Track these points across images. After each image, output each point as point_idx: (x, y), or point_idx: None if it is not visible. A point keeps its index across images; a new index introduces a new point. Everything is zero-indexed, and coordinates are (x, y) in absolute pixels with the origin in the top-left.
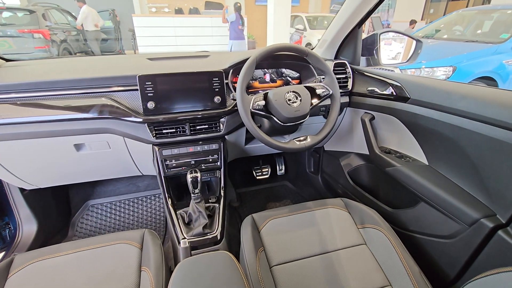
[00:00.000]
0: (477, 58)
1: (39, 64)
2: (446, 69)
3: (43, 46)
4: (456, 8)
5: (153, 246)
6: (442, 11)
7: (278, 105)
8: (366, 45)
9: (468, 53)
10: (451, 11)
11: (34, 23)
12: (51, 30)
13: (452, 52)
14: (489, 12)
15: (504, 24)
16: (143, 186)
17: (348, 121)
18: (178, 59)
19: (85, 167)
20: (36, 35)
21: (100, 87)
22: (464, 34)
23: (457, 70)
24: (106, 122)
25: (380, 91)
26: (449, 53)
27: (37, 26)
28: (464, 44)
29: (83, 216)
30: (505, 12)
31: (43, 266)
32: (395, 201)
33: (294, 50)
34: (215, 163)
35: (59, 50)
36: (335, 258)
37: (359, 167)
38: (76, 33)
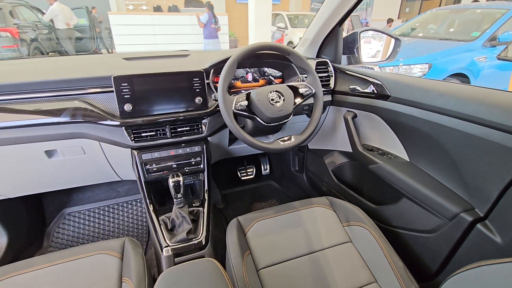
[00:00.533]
0: (450, 56)
1: (3, 65)
2: (422, 66)
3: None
4: (430, 7)
5: (134, 255)
6: (417, 10)
7: (261, 105)
8: (347, 44)
9: (442, 51)
10: (425, 10)
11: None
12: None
13: (427, 50)
14: (461, 11)
15: (474, 22)
16: (123, 191)
17: (331, 119)
18: (156, 59)
19: (59, 175)
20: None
21: (72, 89)
22: (438, 33)
23: (432, 67)
24: (80, 127)
25: (361, 89)
26: (424, 50)
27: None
28: (438, 42)
29: (59, 225)
30: (475, 11)
31: (15, 283)
32: (379, 198)
33: (276, 49)
34: (198, 166)
35: (29, 49)
36: (322, 258)
37: (343, 165)
38: (47, 31)
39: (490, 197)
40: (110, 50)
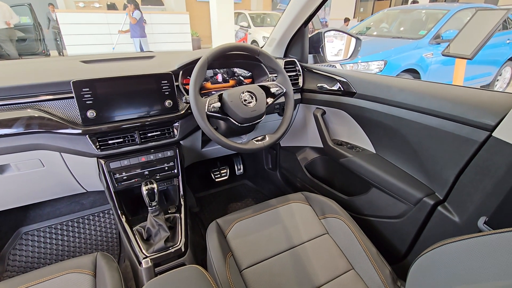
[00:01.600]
0: (402, 53)
1: None
2: (379, 63)
3: None
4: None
5: (109, 270)
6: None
7: (234, 106)
8: (312, 43)
9: (395, 48)
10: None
11: None
12: None
13: (382, 47)
14: (409, 11)
15: (421, 22)
16: (88, 203)
17: (301, 117)
18: (119, 61)
19: (13, 191)
20: None
21: (25, 96)
22: (390, 31)
23: (387, 64)
24: (36, 137)
25: (329, 87)
26: (379, 48)
27: None
28: (391, 40)
29: (15, 247)
30: (420, 11)
31: None
32: (350, 189)
33: (246, 50)
34: (172, 171)
35: None
36: (302, 251)
37: (315, 160)
38: None
39: (448, 181)
40: (61, 52)
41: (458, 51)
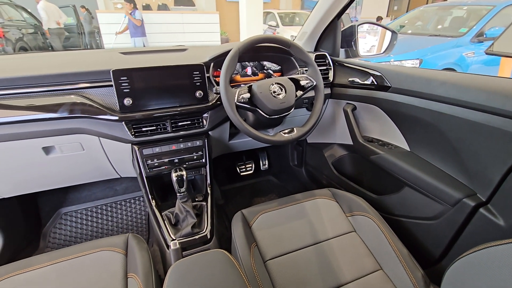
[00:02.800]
0: (440, 51)
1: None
2: (413, 62)
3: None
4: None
5: (140, 250)
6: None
7: (264, 97)
8: (344, 37)
9: (432, 47)
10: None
11: None
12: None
13: (417, 46)
14: (448, 8)
15: (461, 19)
16: (121, 189)
17: (330, 112)
18: (154, 53)
19: (56, 172)
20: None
21: (69, 83)
22: (427, 29)
23: (423, 63)
24: (78, 122)
25: (361, 81)
26: (414, 47)
27: None
28: (427, 38)
29: (55, 225)
30: (461, 8)
31: (16, 282)
32: (380, 188)
33: (277, 42)
34: (200, 160)
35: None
36: (327, 248)
37: (343, 157)
38: (33, 30)
39: (492, 181)
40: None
41: (504, 49)
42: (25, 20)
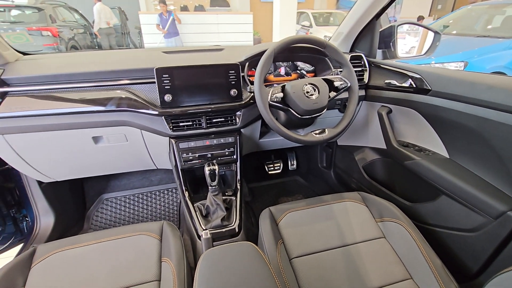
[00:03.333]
0: (488, 53)
1: (55, 57)
2: (457, 64)
3: (52, 44)
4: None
5: (173, 237)
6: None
7: (296, 97)
8: (382, 38)
9: (479, 48)
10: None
11: (43, 20)
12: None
13: (462, 47)
14: (501, 7)
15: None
16: (156, 180)
17: (363, 115)
18: (193, 53)
19: (102, 160)
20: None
21: (118, 79)
22: (474, 29)
23: (468, 65)
24: (124, 115)
25: (398, 84)
26: (459, 48)
27: (46, 24)
28: (475, 39)
29: (98, 209)
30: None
31: (65, 256)
32: (414, 195)
33: (312, 42)
34: (231, 156)
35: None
36: (355, 251)
37: (375, 161)
38: (83, 30)
39: None
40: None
41: None
42: (76, 21)
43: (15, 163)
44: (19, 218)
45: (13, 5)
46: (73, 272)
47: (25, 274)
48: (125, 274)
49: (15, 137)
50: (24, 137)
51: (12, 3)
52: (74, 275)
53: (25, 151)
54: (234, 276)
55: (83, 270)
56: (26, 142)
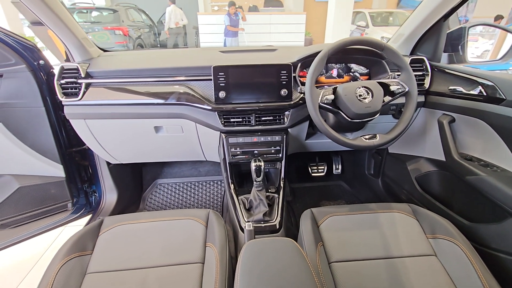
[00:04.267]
0: None
1: (127, 54)
2: None
3: (122, 42)
4: None
5: (218, 225)
6: None
7: (348, 100)
8: (450, 40)
9: None
10: None
11: (116, 21)
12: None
13: None
14: None
15: None
16: (204, 171)
17: (420, 122)
18: (247, 52)
19: (161, 148)
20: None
21: (179, 75)
22: None
23: None
24: (182, 108)
25: (465, 91)
26: None
27: (118, 24)
28: None
29: (152, 192)
30: None
31: (126, 229)
32: (474, 214)
33: (369, 44)
34: (277, 155)
35: (134, 45)
36: (400, 265)
37: (430, 174)
38: (148, 30)
39: None
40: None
41: None
42: (143, 22)
43: (91, 144)
44: (90, 193)
45: (94, 7)
46: (132, 244)
47: (94, 240)
48: (174, 253)
49: (93, 122)
50: (100, 123)
51: (93, 5)
52: (133, 247)
53: (100, 134)
54: (275, 269)
55: (140, 244)
56: (101, 127)
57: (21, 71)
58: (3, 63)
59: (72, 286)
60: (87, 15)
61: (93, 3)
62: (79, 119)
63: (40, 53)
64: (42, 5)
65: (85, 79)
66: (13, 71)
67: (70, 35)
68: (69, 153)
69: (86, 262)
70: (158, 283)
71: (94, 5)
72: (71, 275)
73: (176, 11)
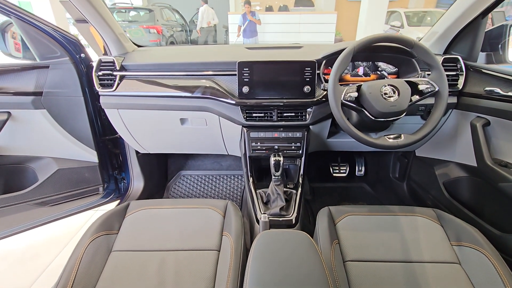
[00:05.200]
0: None
1: (160, 50)
2: None
3: (156, 40)
4: None
5: (235, 216)
6: None
7: (372, 98)
8: (489, 39)
9: None
10: None
11: (152, 20)
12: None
13: None
14: None
15: None
16: (225, 165)
17: (451, 125)
18: (273, 49)
19: (185, 140)
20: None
21: (205, 70)
22: None
23: None
24: (207, 102)
25: (503, 92)
26: None
27: (153, 23)
28: None
29: (176, 183)
30: None
31: (150, 213)
32: (507, 224)
33: (398, 41)
34: (297, 151)
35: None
36: (420, 270)
37: (460, 179)
38: (180, 29)
39: None
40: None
41: None
42: (176, 21)
43: (122, 133)
44: (119, 179)
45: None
46: (154, 228)
47: (120, 222)
48: (192, 239)
49: (125, 112)
50: (131, 113)
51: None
52: (154, 230)
53: (130, 124)
54: (286, 258)
55: (161, 228)
56: (132, 117)
57: (65, 63)
58: (50, 55)
59: (98, 261)
60: (125, 14)
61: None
62: (112, 109)
63: (82, 47)
64: (87, 3)
65: (119, 72)
66: (59, 63)
67: (109, 30)
68: (103, 141)
69: (112, 240)
70: (176, 265)
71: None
72: (98, 251)
73: (208, 11)
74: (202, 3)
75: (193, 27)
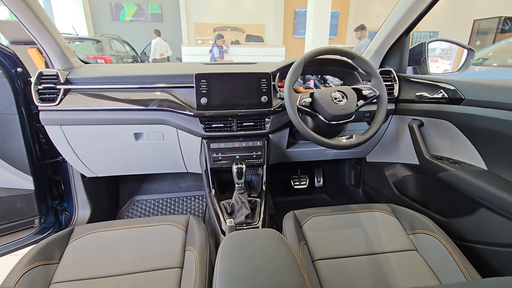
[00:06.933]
0: None
1: (110, 66)
2: None
3: None
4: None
5: (198, 228)
6: (489, 43)
7: (324, 103)
8: (412, 56)
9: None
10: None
11: (99, 50)
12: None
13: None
14: None
15: None
16: (185, 187)
17: (393, 129)
18: (229, 65)
19: (140, 158)
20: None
21: (161, 82)
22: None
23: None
24: (163, 114)
25: (429, 95)
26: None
27: (101, 53)
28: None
29: (129, 209)
30: None
31: (99, 237)
32: (449, 210)
33: (341, 53)
34: (259, 160)
35: None
36: (383, 261)
37: (406, 178)
38: (132, 60)
39: None
40: None
41: None
42: (127, 52)
43: (66, 154)
44: (60, 210)
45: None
46: (104, 252)
47: (62, 249)
48: (151, 259)
49: (70, 128)
50: (77, 129)
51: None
52: (105, 255)
53: (76, 142)
54: (258, 255)
55: (113, 251)
56: (78, 134)
57: None
58: None
59: None
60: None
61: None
62: (54, 125)
63: (19, 61)
64: (26, 9)
65: (64, 85)
66: None
67: (52, 42)
68: (41, 165)
69: (52, 271)
70: None
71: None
72: (33, 285)
73: (161, 43)
74: (155, 36)
75: (145, 59)
